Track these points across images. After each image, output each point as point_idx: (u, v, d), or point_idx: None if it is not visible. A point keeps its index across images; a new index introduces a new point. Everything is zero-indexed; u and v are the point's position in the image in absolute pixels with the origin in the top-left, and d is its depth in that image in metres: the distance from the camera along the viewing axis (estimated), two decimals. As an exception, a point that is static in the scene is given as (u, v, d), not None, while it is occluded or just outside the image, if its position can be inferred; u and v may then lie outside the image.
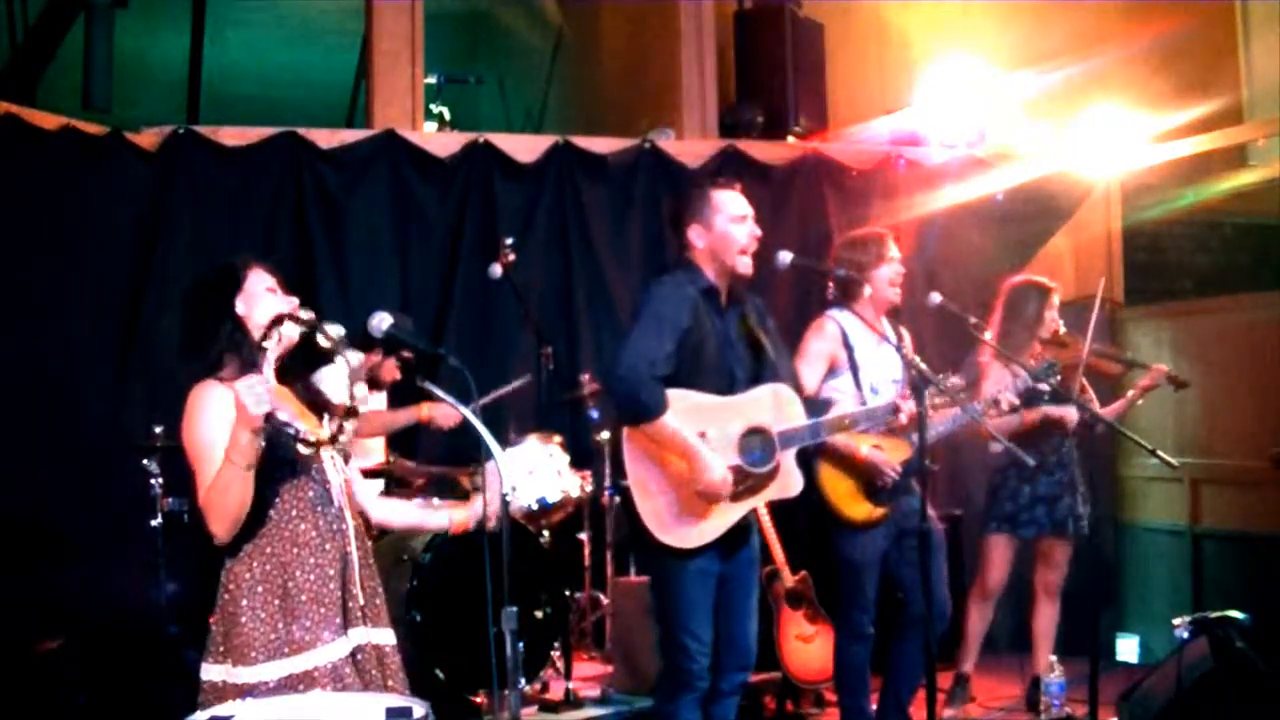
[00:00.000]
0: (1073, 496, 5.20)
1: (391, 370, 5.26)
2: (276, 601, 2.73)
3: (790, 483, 3.92)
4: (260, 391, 2.56)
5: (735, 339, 3.92)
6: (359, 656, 2.81)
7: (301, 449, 2.73)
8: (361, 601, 2.85)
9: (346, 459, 2.96)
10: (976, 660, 5.41)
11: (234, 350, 2.82)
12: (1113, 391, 5.66)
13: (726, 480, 3.73)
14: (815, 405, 4.12)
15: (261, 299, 2.87)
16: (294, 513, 2.79)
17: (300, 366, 2.92)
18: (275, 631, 2.71)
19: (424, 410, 5.14)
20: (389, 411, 5.20)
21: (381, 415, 5.11)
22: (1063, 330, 5.28)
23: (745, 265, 3.89)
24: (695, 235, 3.88)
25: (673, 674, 3.83)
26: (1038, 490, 5.23)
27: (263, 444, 2.64)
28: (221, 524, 2.69)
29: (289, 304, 2.89)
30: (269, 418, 2.58)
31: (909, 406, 4.12)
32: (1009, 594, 5.45)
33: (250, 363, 2.79)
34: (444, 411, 5.14)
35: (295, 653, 2.70)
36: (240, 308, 2.85)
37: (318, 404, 2.96)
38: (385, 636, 2.91)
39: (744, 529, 3.93)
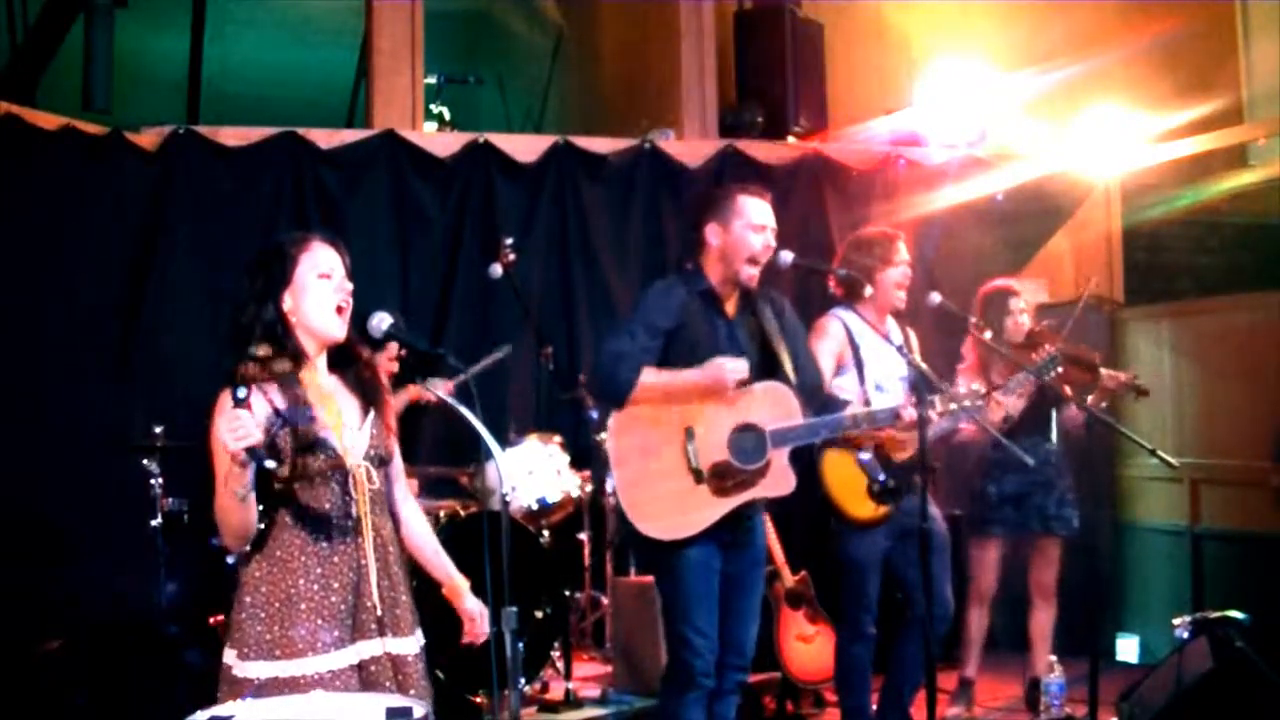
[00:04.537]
0: (1046, 496, 5.20)
1: (385, 364, 5.25)
2: (277, 605, 2.72)
3: (782, 482, 3.90)
4: (238, 427, 2.50)
5: (745, 341, 3.92)
6: (372, 668, 2.77)
7: (275, 483, 2.71)
8: (379, 612, 2.80)
9: (381, 463, 2.90)
10: (980, 662, 5.41)
11: (274, 343, 2.77)
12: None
13: (738, 365, 3.77)
14: (826, 406, 4.11)
15: (311, 289, 2.81)
16: (307, 520, 2.75)
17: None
18: (270, 633, 2.70)
19: (411, 391, 5.20)
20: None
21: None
22: (1040, 326, 5.26)
23: (749, 275, 3.89)
24: (711, 233, 3.91)
25: (676, 670, 3.82)
26: (1004, 490, 5.24)
27: (253, 476, 2.60)
28: (227, 539, 2.71)
29: (342, 292, 2.84)
30: (252, 451, 2.53)
31: (910, 413, 4.11)
32: (1009, 594, 5.44)
33: (294, 356, 2.77)
34: (432, 385, 5.17)
35: (286, 657, 2.68)
36: (287, 303, 2.80)
37: (366, 399, 2.91)
38: (406, 646, 2.86)
39: (748, 529, 3.93)
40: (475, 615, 3.04)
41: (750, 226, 3.88)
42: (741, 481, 3.83)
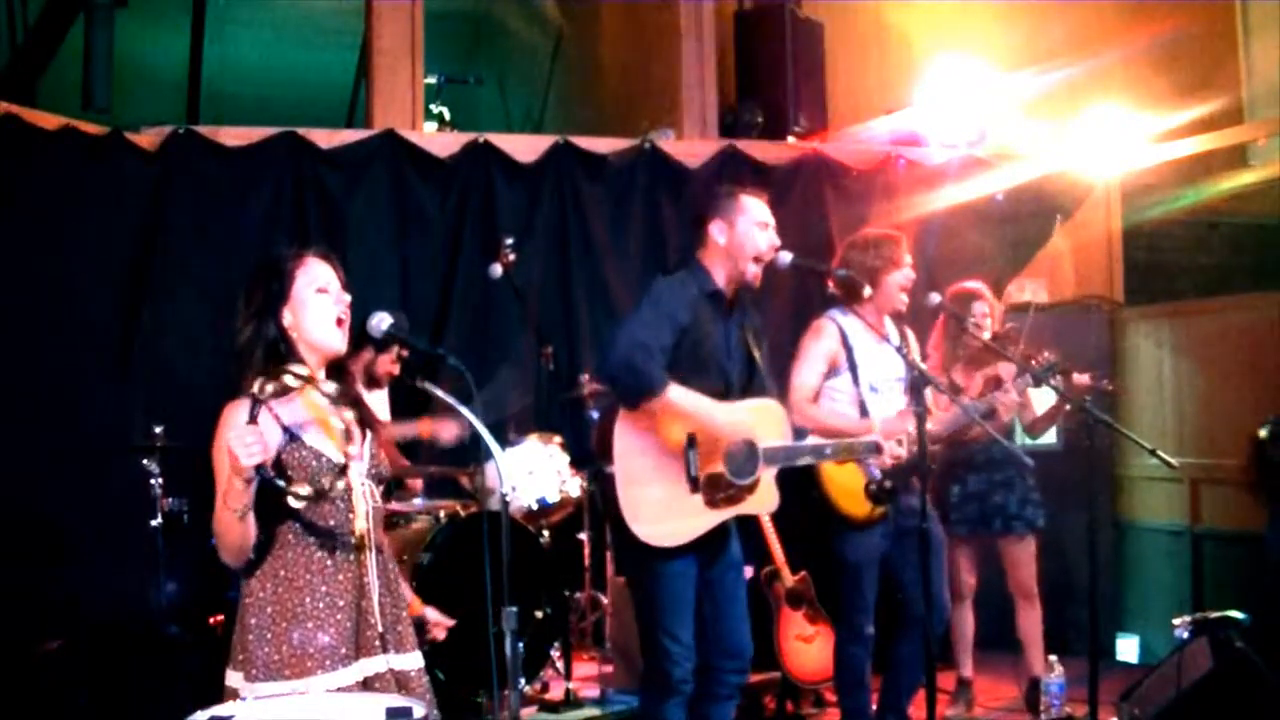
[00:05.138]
0: (1008, 495, 5.20)
1: (387, 365, 5.25)
2: (284, 624, 2.71)
3: (767, 500, 3.94)
4: (251, 443, 2.50)
5: (734, 346, 3.93)
6: (376, 685, 2.77)
7: (291, 501, 2.69)
8: (381, 629, 2.81)
9: (380, 481, 2.91)
10: (975, 661, 5.41)
11: (277, 361, 2.76)
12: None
13: (750, 431, 3.78)
14: (795, 432, 4.12)
15: (309, 304, 2.82)
16: (312, 538, 2.75)
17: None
18: (278, 653, 2.69)
19: (424, 426, 5.20)
20: (393, 424, 5.21)
21: (388, 428, 5.11)
22: (1005, 330, 5.23)
23: (754, 272, 3.90)
24: (717, 231, 3.90)
25: (655, 678, 3.83)
26: (967, 490, 5.24)
27: (254, 494, 2.59)
28: (227, 556, 2.69)
29: (341, 304, 2.84)
30: (260, 468, 2.53)
31: (890, 447, 4.11)
32: (1005, 595, 5.43)
33: (298, 372, 2.76)
34: (445, 427, 5.19)
35: (294, 676, 2.67)
36: (287, 318, 2.80)
37: (361, 419, 2.89)
38: (409, 661, 2.86)
39: (723, 534, 3.93)
40: (436, 618, 3.35)
41: (756, 224, 3.90)
42: (731, 496, 3.84)
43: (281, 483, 2.65)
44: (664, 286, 3.85)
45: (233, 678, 2.74)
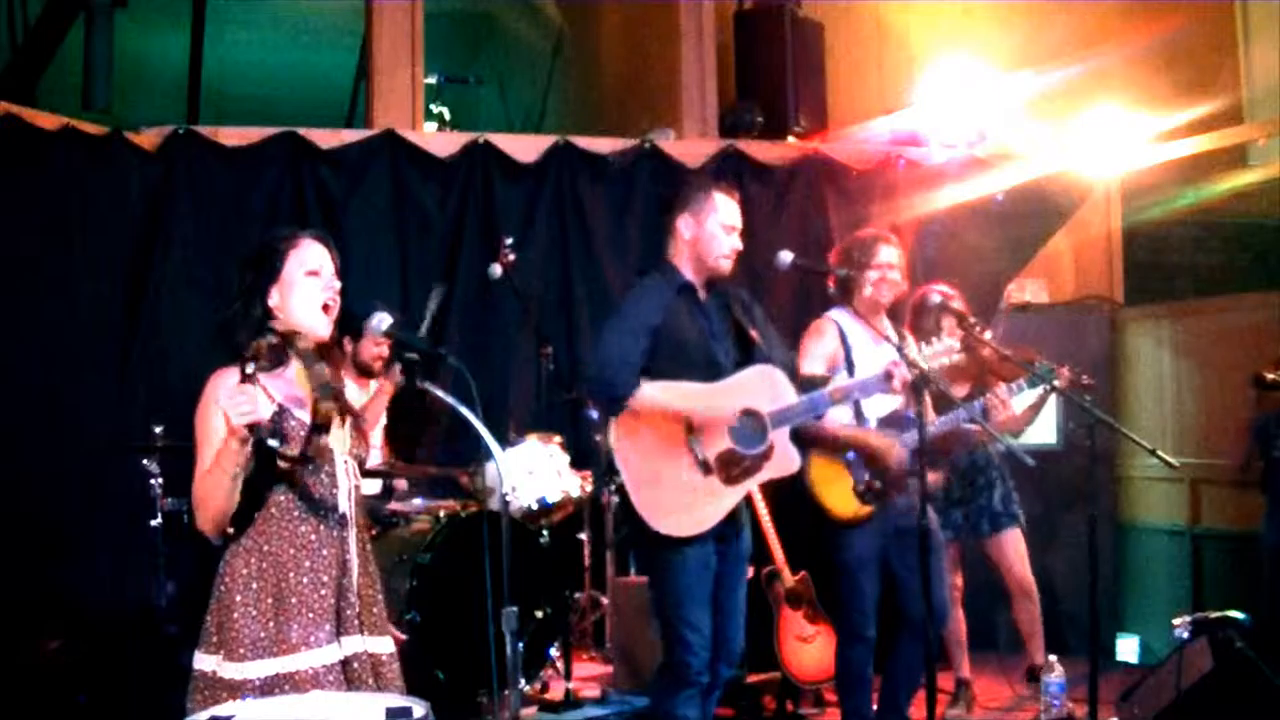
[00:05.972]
0: (990, 496, 5.22)
1: (370, 349, 5.17)
2: (269, 600, 2.71)
3: (786, 462, 3.96)
4: (242, 402, 2.52)
5: (719, 330, 3.96)
6: (354, 665, 2.78)
7: (280, 463, 2.71)
8: (358, 609, 2.82)
9: (361, 464, 2.92)
10: (972, 662, 5.41)
11: (262, 339, 2.76)
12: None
13: (733, 412, 3.81)
14: (810, 383, 4.12)
15: (298, 286, 2.81)
16: (296, 513, 2.76)
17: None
18: (265, 630, 2.69)
19: (382, 384, 5.07)
20: (371, 399, 5.17)
21: (368, 406, 5.05)
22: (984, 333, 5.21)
23: (725, 265, 3.97)
24: (683, 225, 3.95)
25: (672, 669, 3.83)
26: (952, 494, 5.26)
27: (249, 455, 2.61)
28: (207, 522, 2.69)
29: (330, 290, 2.84)
30: (254, 428, 2.54)
31: (900, 372, 4.09)
32: (1004, 595, 5.43)
33: (279, 351, 2.77)
34: (390, 377, 5.06)
35: (282, 654, 2.68)
36: (274, 298, 2.81)
37: (341, 408, 2.91)
38: (383, 645, 2.87)
39: (736, 522, 3.95)
40: None
41: (723, 226, 3.94)
42: (748, 468, 3.87)
43: (274, 442, 2.65)
44: (634, 295, 3.94)
45: (205, 660, 2.72)
